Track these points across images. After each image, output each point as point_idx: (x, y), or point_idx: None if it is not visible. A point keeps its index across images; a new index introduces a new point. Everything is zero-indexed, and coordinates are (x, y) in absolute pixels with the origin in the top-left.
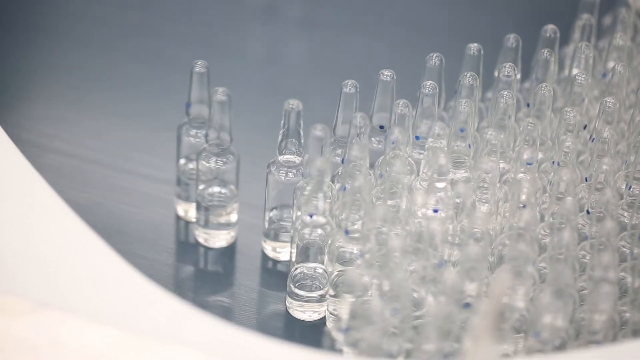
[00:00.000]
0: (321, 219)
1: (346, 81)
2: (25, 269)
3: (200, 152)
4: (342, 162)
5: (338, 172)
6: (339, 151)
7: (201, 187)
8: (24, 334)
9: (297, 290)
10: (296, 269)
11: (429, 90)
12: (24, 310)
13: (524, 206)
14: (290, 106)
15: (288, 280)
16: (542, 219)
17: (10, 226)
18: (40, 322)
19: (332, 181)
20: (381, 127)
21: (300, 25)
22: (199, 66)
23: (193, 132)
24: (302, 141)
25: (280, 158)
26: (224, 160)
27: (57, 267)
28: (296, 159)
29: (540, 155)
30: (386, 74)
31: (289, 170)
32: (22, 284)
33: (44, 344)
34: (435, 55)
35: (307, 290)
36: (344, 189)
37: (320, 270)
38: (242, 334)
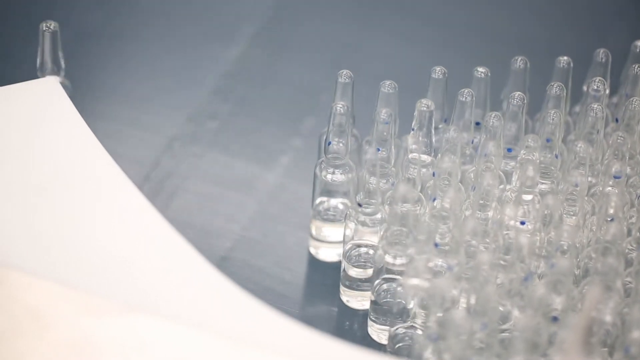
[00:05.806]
0: None
1: (462, 90)
2: (113, 271)
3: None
4: (434, 174)
5: (427, 185)
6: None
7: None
8: (111, 335)
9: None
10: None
11: (517, 102)
12: (112, 312)
13: (611, 220)
14: (424, 106)
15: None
16: (629, 233)
17: (100, 229)
18: (127, 325)
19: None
20: (477, 123)
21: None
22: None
23: None
24: (434, 141)
25: (410, 156)
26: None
27: (145, 269)
28: (427, 158)
29: (628, 170)
30: (480, 71)
31: (422, 168)
32: (111, 285)
33: (130, 346)
34: (520, 58)
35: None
36: (434, 200)
37: None
38: (328, 341)
